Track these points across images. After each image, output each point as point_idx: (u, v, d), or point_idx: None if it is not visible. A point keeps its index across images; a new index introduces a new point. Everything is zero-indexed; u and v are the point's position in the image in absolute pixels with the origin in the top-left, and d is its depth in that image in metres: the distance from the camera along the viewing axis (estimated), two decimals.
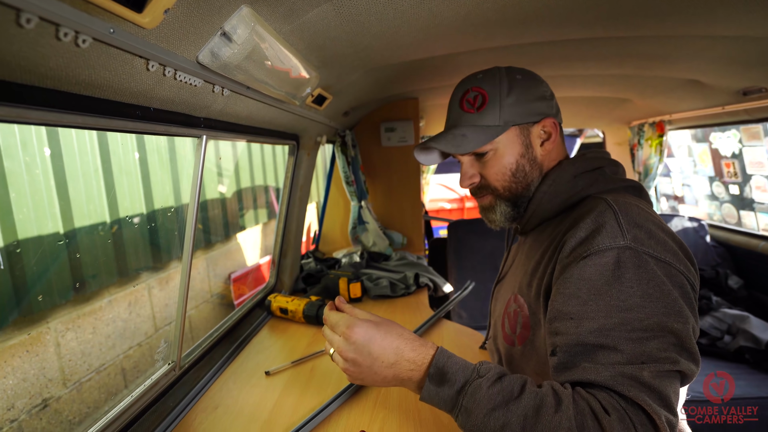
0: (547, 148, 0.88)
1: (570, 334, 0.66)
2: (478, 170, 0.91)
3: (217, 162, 3.95)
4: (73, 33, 0.49)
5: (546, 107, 0.88)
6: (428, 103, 2.62)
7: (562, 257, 0.72)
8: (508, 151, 0.87)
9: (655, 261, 0.66)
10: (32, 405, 2.07)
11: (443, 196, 7.61)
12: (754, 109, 1.94)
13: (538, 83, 0.89)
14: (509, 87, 0.86)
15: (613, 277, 0.65)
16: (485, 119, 0.86)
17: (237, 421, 0.98)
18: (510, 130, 0.86)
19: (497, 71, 0.88)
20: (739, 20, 0.98)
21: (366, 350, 0.69)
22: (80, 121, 0.65)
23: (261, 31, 0.76)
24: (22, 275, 2.07)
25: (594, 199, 0.76)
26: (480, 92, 0.87)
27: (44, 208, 2.18)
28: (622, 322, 0.63)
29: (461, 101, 0.89)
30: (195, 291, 3.51)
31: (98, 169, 2.52)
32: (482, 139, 0.85)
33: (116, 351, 2.61)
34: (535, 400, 0.62)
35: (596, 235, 0.68)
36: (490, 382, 0.64)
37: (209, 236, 3.76)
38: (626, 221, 0.69)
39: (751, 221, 3.17)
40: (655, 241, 0.68)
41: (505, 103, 0.85)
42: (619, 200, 0.73)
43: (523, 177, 0.88)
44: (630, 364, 0.61)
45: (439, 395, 0.67)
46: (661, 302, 0.63)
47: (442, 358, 0.68)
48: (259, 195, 4.71)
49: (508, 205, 0.90)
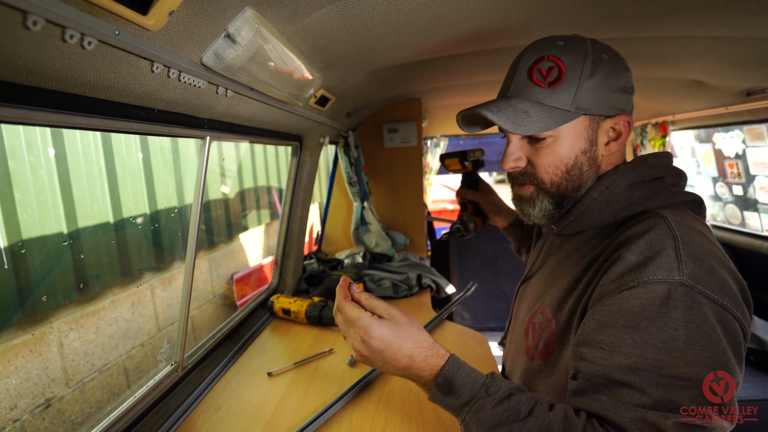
0: (611, 148, 0.77)
1: (597, 364, 0.62)
2: (526, 154, 0.78)
3: (221, 163, 3.96)
4: (78, 35, 0.49)
5: (625, 101, 0.75)
6: (431, 104, 2.61)
7: (606, 281, 0.65)
8: (570, 143, 0.74)
9: (710, 303, 0.59)
10: (35, 405, 2.08)
11: (446, 196, 7.60)
12: (758, 109, 1.93)
13: (624, 70, 0.75)
14: (593, 67, 0.71)
15: (657, 314, 0.59)
16: (555, 99, 0.72)
17: (240, 422, 0.99)
18: (579, 119, 0.73)
19: (582, 43, 0.73)
20: (741, 21, 0.98)
21: (380, 355, 0.67)
22: (85, 122, 0.65)
23: (265, 33, 0.76)
24: (26, 275, 2.08)
25: (653, 216, 0.68)
26: (557, 64, 0.72)
27: (48, 209, 2.19)
28: (657, 364, 0.58)
29: (531, 69, 0.74)
30: (198, 291, 3.51)
31: (102, 170, 2.53)
32: (547, 122, 0.72)
33: (119, 351, 2.61)
34: (540, 426, 0.59)
35: (649, 263, 0.61)
36: (497, 401, 0.63)
37: (212, 237, 3.76)
38: (686, 252, 0.61)
39: (755, 222, 3.16)
40: (715, 280, 0.60)
41: (583, 86, 0.71)
42: (681, 223, 0.65)
43: (578, 176, 0.76)
44: (654, 410, 0.56)
45: (445, 403, 0.67)
46: (707, 351, 0.57)
47: (453, 368, 0.66)
48: (261, 196, 4.72)
49: (551, 203, 0.79)
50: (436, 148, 4.30)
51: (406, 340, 0.67)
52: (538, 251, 0.96)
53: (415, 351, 0.67)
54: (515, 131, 0.71)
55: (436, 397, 0.68)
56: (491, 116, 0.72)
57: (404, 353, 0.67)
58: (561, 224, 0.82)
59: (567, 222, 0.80)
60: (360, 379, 1.09)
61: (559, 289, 0.77)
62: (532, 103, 0.73)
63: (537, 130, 0.72)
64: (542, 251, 0.94)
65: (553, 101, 0.72)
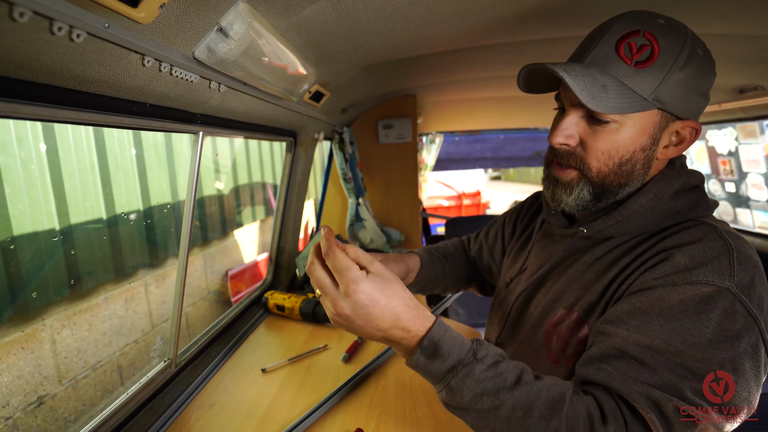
0: (668, 153, 0.71)
1: (617, 338, 0.62)
2: (580, 134, 0.70)
3: (214, 158, 3.94)
4: (67, 27, 0.49)
5: (700, 106, 0.70)
6: (426, 99, 2.61)
7: (648, 278, 0.64)
8: (634, 134, 0.67)
9: (744, 313, 0.59)
10: (27, 402, 2.06)
11: (441, 193, 7.62)
12: (751, 107, 1.94)
13: (712, 74, 0.69)
14: (687, 60, 0.64)
15: (695, 309, 0.59)
16: (637, 82, 0.64)
17: (233, 419, 0.98)
18: (653, 111, 0.66)
19: (684, 30, 0.66)
20: (736, 19, 0.98)
21: (363, 312, 0.60)
22: (75, 116, 0.64)
23: (258, 27, 0.75)
24: (17, 272, 2.06)
25: (701, 225, 0.67)
26: (652, 43, 0.64)
27: (40, 205, 2.17)
28: (676, 353, 0.58)
29: (622, 41, 0.65)
30: (192, 288, 3.50)
31: (94, 165, 2.50)
32: (623, 105, 0.64)
33: (112, 348, 2.60)
34: (528, 395, 0.59)
35: (701, 267, 0.61)
36: (485, 367, 0.60)
37: (206, 233, 3.75)
38: (738, 261, 0.61)
39: (747, 219, 3.18)
40: (754, 292, 0.61)
41: (672, 77, 0.64)
42: (731, 233, 0.64)
43: (628, 173, 0.70)
44: (660, 390, 0.57)
45: (428, 368, 0.63)
46: (725, 354, 0.58)
47: (439, 331, 0.62)
48: (256, 192, 4.70)
49: (591, 193, 0.72)
50: (432, 144, 4.30)
51: (393, 296, 0.61)
52: (545, 251, 0.88)
53: (401, 309, 0.62)
54: (590, 105, 0.63)
55: (418, 361, 0.63)
56: (568, 79, 0.62)
57: (390, 310, 0.61)
58: (594, 227, 0.74)
59: (604, 226, 0.73)
60: (354, 375, 1.09)
61: (592, 292, 0.72)
62: (612, 79, 0.64)
63: (611, 110, 0.64)
64: (554, 252, 0.84)
65: (635, 84, 0.64)
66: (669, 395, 0.57)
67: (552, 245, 0.86)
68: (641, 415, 0.57)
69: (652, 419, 0.56)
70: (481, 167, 5.74)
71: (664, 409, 0.56)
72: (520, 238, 1.01)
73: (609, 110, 0.64)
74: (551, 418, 0.58)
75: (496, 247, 1.10)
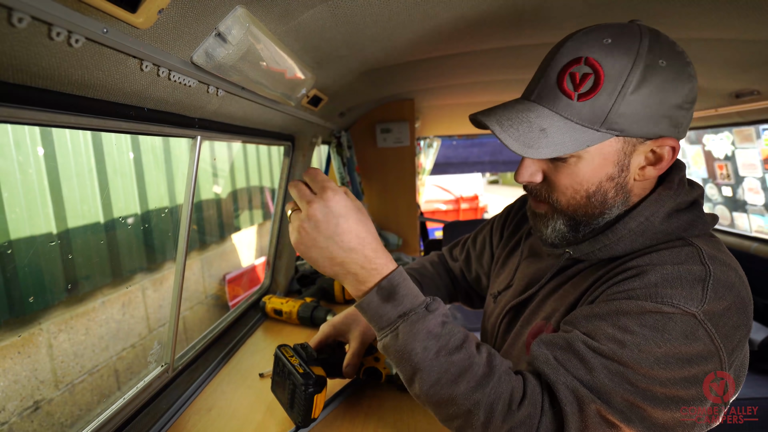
0: (647, 174, 0.66)
1: (570, 333, 0.62)
2: (543, 170, 0.69)
3: (212, 162, 3.94)
4: (65, 33, 0.49)
5: (676, 121, 0.62)
6: (424, 104, 2.62)
7: (613, 290, 0.62)
8: (594, 166, 0.64)
9: (708, 341, 0.56)
10: (23, 407, 2.05)
11: (439, 197, 7.62)
12: (747, 111, 1.96)
13: (685, 80, 0.60)
14: (641, 78, 0.58)
15: (653, 326, 0.57)
16: (584, 114, 0.60)
17: (230, 424, 0.98)
18: (610, 141, 0.62)
19: (637, 42, 0.59)
20: (732, 24, 0.99)
21: (334, 221, 0.60)
22: (73, 121, 0.65)
23: (256, 32, 0.76)
24: (14, 276, 2.06)
25: (686, 246, 0.63)
26: (596, 70, 0.59)
27: (37, 208, 2.17)
28: (621, 362, 0.57)
29: (563, 73, 0.61)
30: (189, 292, 3.49)
31: (92, 170, 2.50)
32: (567, 144, 0.61)
33: (109, 352, 2.59)
34: (463, 362, 0.60)
35: (670, 288, 0.58)
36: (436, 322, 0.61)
37: (204, 237, 3.74)
38: (713, 289, 0.58)
39: (744, 223, 3.19)
40: (725, 321, 0.57)
41: (624, 100, 0.59)
42: (716, 258, 0.61)
43: (600, 203, 0.67)
44: (588, 389, 0.57)
45: (379, 310, 0.62)
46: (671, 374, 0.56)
47: (399, 277, 0.63)
48: (254, 196, 4.70)
49: (566, 225, 0.71)
50: (429, 148, 4.30)
51: (364, 223, 0.62)
52: (531, 268, 0.86)
53: (369, 238, 0.62)
54: (525, 155, 0.61)
55: (370, 302, 0.62)
56: (499, 133, 0.62)
57: (359, 231, 0.61)
58: (581, 250, 0.72)
59: (591, 249, 0.70)
60: (346, 386, 1.09)
61: (567, 304, 0.72)
62: (554, 118, 0.62)
63: (551, 154, 0.61)
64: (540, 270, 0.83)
65: (581, 115, 0.60)
66: (595, 397, 0.56)
67: (538, 263, 0.84)
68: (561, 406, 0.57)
69: (567, 412, 0.57)
70: (478, 171, 5.75)
71: (584, 408, 0.57)
72: (508, 244, 0.99)
73: (550, 155, 0.61)
74: (475, 391, 0.58)
75: (484, 255, 1.07)
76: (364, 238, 0.62)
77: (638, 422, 0.57)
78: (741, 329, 0.59)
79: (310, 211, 0.60)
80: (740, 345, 0.60)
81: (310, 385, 0.83)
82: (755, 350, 2.13)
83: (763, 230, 3.02)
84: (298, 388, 0.83)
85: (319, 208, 0.60)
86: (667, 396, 0.57)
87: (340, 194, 0.62)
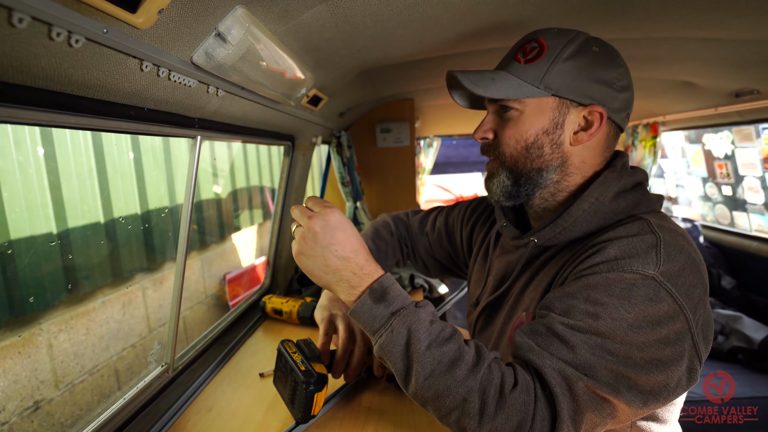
0: (579, 138, 0.75)
1: (547, 318, 0.66)
2: (495, 127, 0.80)
3: (212, 162, 3.94)
4: (65, 33, 0.49)
5: (604, 95, 0.74)
6: (424, 104, 2.62)
7: (579, 268, 0.68)
8: (533, 120, 0.75)
9: (670, 301, 0.62)
10: (23, 407, 2.05)
11: (439, 196, 7.62)
12: (747, 110, 1.96)
13: (612, 66, 0.74)
14: (575, 52, 0.72)
15: (619, 295, 0.62)
16: (528, 74, 0.74)
17: (231, 423, 0.98)
18: (548, 98, 0.74)
19: (576, 34, 0.75)
20: (731, 23, 0.99)
21: (330, 233, 0.69)
22: (73, 121, 0.65)
23: (256, 32, 0.76)
24: (14, 276, 2.05)
25: (637, 220, 0.70)
26: (541, 44, 0.74)
27: (37, 208, 2.17)
28: (597, 333, 0.61)
29: (518, 49, 0.77)
30: (190, 292, 3.49)
31: (92, 169, 2.50)
32: (510, 91, 0.73)
33: (110, 352, 2.59)
34: (455, 351, 0.63)
35: (628, 258, 0.64)
36: (426, 317, 0.66)
37: (204, 237, 3.74)
38: (665, 252, 0.64)
39: (744, 222, 3.19)
40: (683, 281, 0.63)
41: (557, 66, 0.72)
42: (664, 226, 0.68)
43: (538, 156, 0.76)
44: (574, 368, 0.60)
45: (372, 311, 0.68)
46: (645, 338, 0.60)
47: (389, 280, 0.70)
48: (254, 195, 4.70)
49: (509, 178, 0.79)
50: (429, 148, 4.31)
51: (357, 236, 0.72)
52: (502, 262, 0.91)
53: (361, 251, 0.71)
54: (474, 90, 0.73)
55: (363, 304, 0.68)
56: (459, 75, 0.75)
57: (353, 242, 0.70)
58: (544, 236, 0.79)
59: (552, 233, 0.78)
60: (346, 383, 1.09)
61: (541, 291, 0.78)
62: (505, 74, 0.75)
63: (496, 94, 0.73)
64: (511, 263, 0.88)
65: (526, 75, 0.74)
66: (581, 374, 0.60)
67: (508, 256, 0.91)
68: (550, 389, 0.60)
69: (557, 394, 0.59)
70: (478, 171, 5.75)
71: (572, 387, 0.60)
72: (480, 250, 1.04)
73: (494, 94, 0.73)
74: (468, 378, 0.61)
75: (454, 237, 1.14)
76: (357, 249, 0.71)
77: (626, 391, 0.60)
78: (698, 287, 0.65)
79: (310, 223, 0.70)
80: (701, 302, 0.65)
81: (311, 383, 0.84)
82: (755, 349, 2.13)
83: (763, 229, 3.02)
84: (299, 386, 0.84)
85: (318, 222, 0.70)
86: (646, 360, 0.60)
87: (337, 211, 0.72)
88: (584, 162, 0.78)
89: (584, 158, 0.78)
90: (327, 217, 0.70)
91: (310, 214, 0.71)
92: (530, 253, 0.83)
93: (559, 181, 0.79)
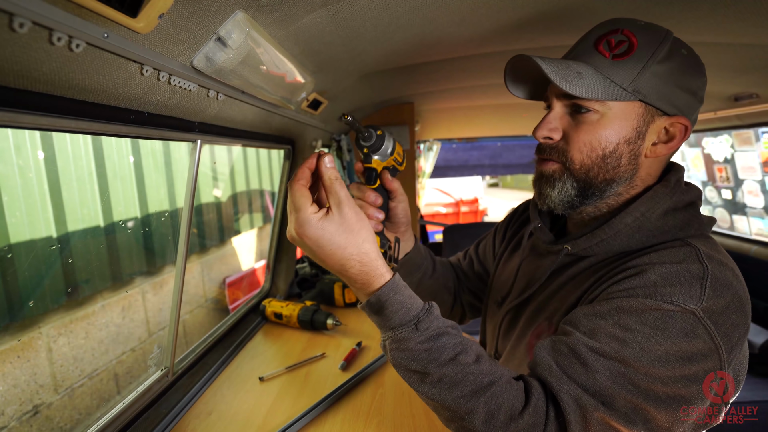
0: (658, 151, 0.69)
1: (571, 336, 0.61)
2: (564, 128, 0.70)
3: (212, 166, 3.94)
4: (66, 37, 0.49)
5: (689, 105, 0.67)
6: (424, 107, 2.62)
7: (614, 289, 0.63)
8: (617, 125, 0.67)
9: (707, 339, 0.57)
10: (23, 411, 2.05)
11: (439, 200, 7.63)
12: (746, 114, 1.96)
13: (699, 74, 0.68)
14: (668, 54, 0.65)
15: (653, 324, 0.57)
16: (616, 73, 0.65)
17: (230, 427, 0.98)
18: (635, 103, 0.66)
19: (666, 32, 0.67)
20: (729, 28, 0.99)
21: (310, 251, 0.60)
22: (73, 125, 0.65)
23: (256, 36, 0.76)
24: (14, 280, 2.05)
25: (684, 246, 0.64)
26: (630, 39, 0.65)
27: (37, 212, 2.17)
28: (622, 361, 0.57)
29: (600, 38, 0.67)
30: (189, 296, 3.49)
31: (92, 173, 2.50)
32: (598, 90, 0.64)
33: (109, 356, 2.58)
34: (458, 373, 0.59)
35: (670, 287, 0.59)
36: (423, 339, 0.59)
37: (204, 240, 3.74)
38: (712, 287, 0.58)
39: (744, 226, 3.19)
40: (724, 320, 0.58)
41: (651, 68, 0.64)
42: (713, 258, 0.61)
43: (613, 168, 0.68)
44: (591, 395, 0.57)
45: (372, 319, 0.64)
46: (672, 372, 0.56)
47: (389, 293, 0.61)
48: (254, 199, 4.70)
49: (574, 188, 0.71)
50: (429, 151, 4.31)
51: (345, 248, 0.59)
52: (532, 266, 0.86)
53: (349, 263, 0.60)
54: (561, 85, 0.63)
55: (364, 308, 0.63)
56: (542, 63, 0.64)
57: (337, 260, 0.59)
58: (579, 245, 0.73)
59: (588, 244, 0.71)
60: (350, 379, 1.09)
61: (568, 303, 0.72)
62: (589, 68, 0.66)
63: (585, 93, 0.64)
64: (541, 268, 0.83)
65: (613, 74, 0.65)
66: (598, 402, 0.56)
67: (538, 260, 0.85)
68: (565, 416, 0.57)
69: (570, 422, 0.56)
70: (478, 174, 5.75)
71: (587, 416, 0.56)
72: (510, 243, 0.99)
73: (583, 93, 0.64)
74: (469, 400, 0.58)
75: (487, 256, 1.07)
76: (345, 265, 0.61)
77: (641, 425, 0.57)
78: (739, 328, 0.60)
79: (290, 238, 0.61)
80: (739, 343, 0.60)
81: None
82: (755, 353, 2.12)
83: (762, 233, 3.02)
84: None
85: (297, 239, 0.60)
86: (668, 395, 0.57)
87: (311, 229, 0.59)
88: (649, 175, 0.71)
89: (650, 171, 0.71)
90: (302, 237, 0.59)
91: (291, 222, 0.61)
92: (562, 261, 0.77)
93: (621, 194, 0.72)
